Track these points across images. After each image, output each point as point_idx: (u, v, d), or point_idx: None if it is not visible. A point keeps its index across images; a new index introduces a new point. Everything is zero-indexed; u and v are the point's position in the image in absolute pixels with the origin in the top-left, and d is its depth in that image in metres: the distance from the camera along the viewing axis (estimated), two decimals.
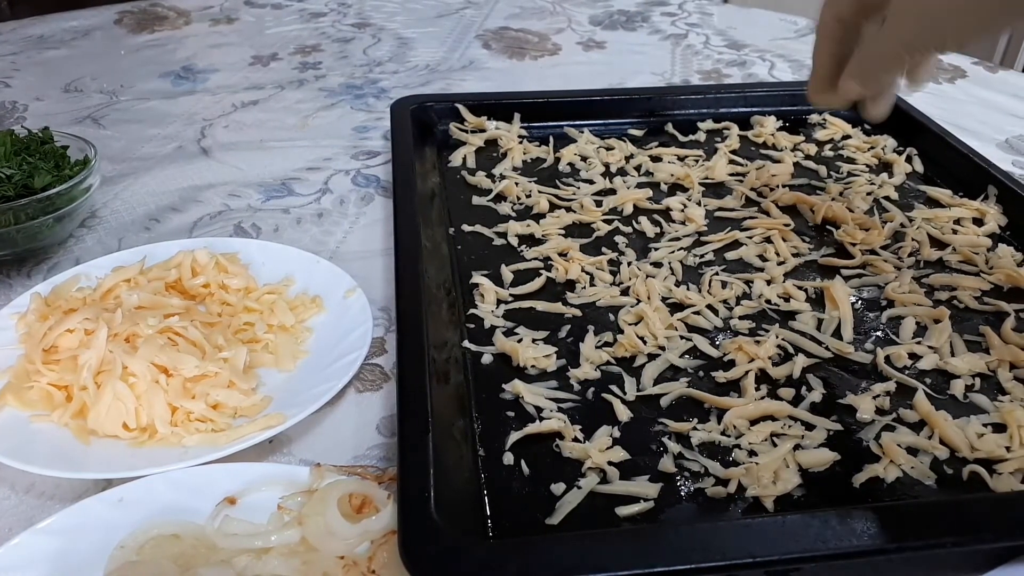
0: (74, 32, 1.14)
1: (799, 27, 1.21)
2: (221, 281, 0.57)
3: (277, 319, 0.55)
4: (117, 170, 0.78)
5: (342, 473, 0.43)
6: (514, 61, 1.09)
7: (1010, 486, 0.45)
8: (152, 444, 0.46)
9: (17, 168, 0.62)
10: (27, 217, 0.60)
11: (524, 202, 0.70)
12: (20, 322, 0.53)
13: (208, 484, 0.42)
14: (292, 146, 0.84)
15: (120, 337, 0.49)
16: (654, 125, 0.84)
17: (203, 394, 0.47)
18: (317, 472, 0.42)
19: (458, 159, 0.77)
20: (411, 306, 0.53)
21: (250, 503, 0.41)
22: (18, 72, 1.00)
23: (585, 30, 1.20)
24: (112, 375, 0.46)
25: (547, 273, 0.61)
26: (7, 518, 0.43)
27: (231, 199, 0.74)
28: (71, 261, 0.64)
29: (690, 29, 1.21)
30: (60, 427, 0.47)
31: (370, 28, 1.19)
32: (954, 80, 1.04)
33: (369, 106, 0.93)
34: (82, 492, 0.45)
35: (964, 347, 0.55)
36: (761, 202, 0.71)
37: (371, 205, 0.74)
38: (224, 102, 0.93)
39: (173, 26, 1.18)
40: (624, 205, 0.70)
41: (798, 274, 0.62)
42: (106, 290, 0.55)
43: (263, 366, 0.52)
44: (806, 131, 0.84)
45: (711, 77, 1.04)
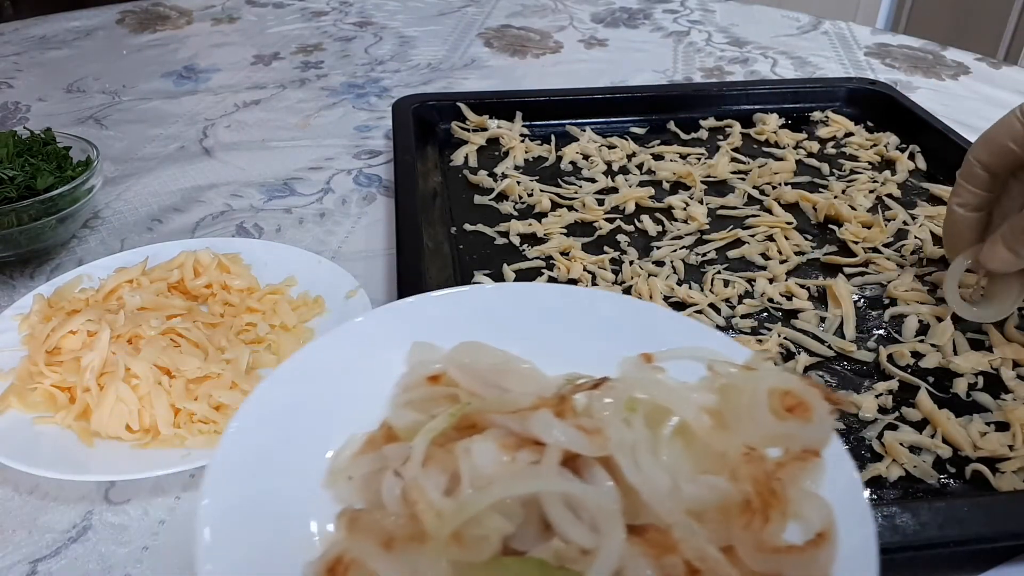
0: (76, 32, 1.14)
1: (801, 24, 1.21)
2: (223, 282, 0.57)
3: (279, 319, 0.55)
4: (119, 170, 0.78)
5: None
6: (516, 59, 1.09)
7: (1013, 485, 0.44)
8: (155, 446, 0.46)
9: (20, 169, 0.62)
10: (30, 218, 0.60)
11: (526, 201, 0.70)
12: (23, 323, 0.53)
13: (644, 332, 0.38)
14: (294, 146, 0.84)
15: (123, 338, 0.49)
16: (656, 123, 0.84)
17: (206, 395, 0.48)
18: (759, 355, 0.36)
19: (460, 158, 0.77)
20: None
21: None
22: (20, 73, 1.01)
23: (587, 28, 1.20)
24: (115, 377, 0.46)
25: (549, 272, 0.61)
26: (10, 519, 0.44)
27: (233, 199, 0.74)
28: (74, 262, 0.64)
29: (692, 26, 1.20)
30: (63, 429, 0.47)
31: (372, 27, 1.19)
32: (957, 76, 1.04)
33: (371, 105, 0.94)
34: (85, 494, 0.45)
35: (967, 345, 0.55)
36: (763, 200, 0.71)
37: (373, 205, 0.74)
38: (226, 102, 0.94)
39: (175, 26, 1.18)
40: (626, 204, 0.70)
41: (800, 272, 0.62)
42: (109, 291, 0.55)
43: (266, 367, 0.52)
44: (808, 129, 0.84)
45: (713, 75, 1.04)
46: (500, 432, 0.31)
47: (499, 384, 0.34)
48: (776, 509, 0.28)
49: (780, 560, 0.27)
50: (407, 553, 0.27)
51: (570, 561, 0.27)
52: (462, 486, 0.29)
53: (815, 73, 1.05)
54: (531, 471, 0.29)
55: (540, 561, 0.27)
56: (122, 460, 0.45)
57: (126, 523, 0.44)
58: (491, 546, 0.28)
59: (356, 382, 0.36)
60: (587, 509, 0.28)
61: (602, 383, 0.32)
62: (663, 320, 0.40)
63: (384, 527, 0.29)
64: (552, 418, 0.30)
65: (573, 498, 0.28)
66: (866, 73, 1.04)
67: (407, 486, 0.29)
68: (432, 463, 0.30)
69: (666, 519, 0.28)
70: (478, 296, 0.41)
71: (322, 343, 0.37)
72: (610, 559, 0.26)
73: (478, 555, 0.27)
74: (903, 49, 1.12)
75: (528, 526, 0.29)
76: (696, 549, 0.27)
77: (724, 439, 0.31)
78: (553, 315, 0.40)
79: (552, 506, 0.28)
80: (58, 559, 0.42)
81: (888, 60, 1.08)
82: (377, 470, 0.32)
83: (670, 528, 0.28)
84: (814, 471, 0.30)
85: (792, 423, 0.31)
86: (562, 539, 0.28)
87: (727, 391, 0.32)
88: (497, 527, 0.28)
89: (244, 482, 0.31)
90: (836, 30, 1.19)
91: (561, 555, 0.27)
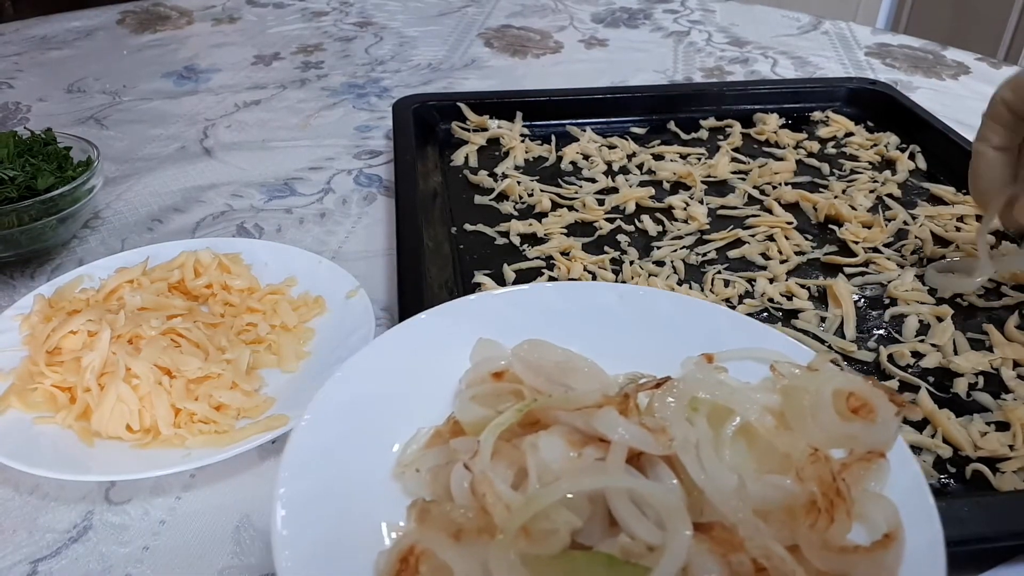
0: (77, 32, 1.14)
1: (801, 24, 1.21)
2: (224, 282, 0.57)
3: (280, 320, 0.55)
4: (120, 171, 0.78)
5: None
6: (516, 59, 1.09)
7: (1013, 485, 0.44)
8: (155, 446, 0.46)
9: (20, 169, 0.62)
10: (30, 218, 0.60)
11: (526, 201, 0.70)
12: (24, 323, 0.53)
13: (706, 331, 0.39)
14: (294, 146, 0.84)
15: (123, 338, 0.49)
16: (656, 123, 0.84)
17: (206, 395, 0.48)
18: (822, 357, 0.36)
19: (460, 158, 0.77)
20: (414, 306, 0.53)
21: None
22: (21, 73, 1.01)
23: (587, 28, 1.20)
24: (115, 377, 0.46)
25: (549, 272, 0.61)
26: (11, 519, 0.44)
27: (234, 199, 0.74)
28: (74, 262, 0.64)
29: (692, 26, 1.20)
30: (64, 429, 0.47)
31: (372, 27, 1.19)
32: (957, 76, 1.04)
33: (371, 105, 0.94)
34: (85, 494, 0.45)
35: (967, 345, 0.55)
36: (763, 200, 0.71)
37: (373, 205, 0.74)
38: (226, 102, 0.94)
39: (175, 26, 1.18)
40: (626, 204, 0.70)
41: (801, 272, 0.62)
42: (109, 291, 0.55)
43: (266, 367, 0.52)
44: (809, 128, 0.84)
45: (713, 75, 1.04)
46: (565, 429, 0.31)
47: (563, 381, 0.35)
48: (841, 509, 0.29)
49: (847, 560, 0.28)
50: (476, 545, 0.28)
51: (636, 557, 0.28)
52: (529, 480, 0.30)
53: (815, 73, 1.04)
54: (598, 467, 0.30)
55: (608, 555, 0.28)
56: (122, 460, 0.45)
57: (126, 523, 0.44)
58: (560, 540, 0.28)
59: (420, 377, 0.37)
60: (653, 506, 0.28)
61: (664, 383, 0.33)
62: (723, 320, 0.41)
63: (453, 519, 0.29)
64: (617, 416, 0.31)
65: (639, 495, 0.29)
66: (866, 73, 1.04)
67: (476, 479, 0.30)
68: (499, 457, 0.31)
69: (731, 518, 0.28)
70: (539, 294, 0.42)
71: (387, 338, 0.38)
72: (678, 555, 0.27)
73: (547, 548, 0.28)
74: (903, 49, 1.12)
75: (594, 522, 0.29)
76: (763, 548, 0.27)
77: (788, 440, 0.32)
78: (612, 314, 0.40)
79: (619, 502, 0.29)
80: (58, 559, 0.42)
81: (888, 60, 1.08)
82: (445, 463, 0.33)
83: (735, 527, 0.28)
84: (879, 472, 0.31)
85: (857, 424, 0.32)
86: (628, 535, 0.28)
87: (790, 392, 0.33)
88: (566, 521, 0.29)
89: (316, 473, 0.32)
90: (836, 30, 1.19)
91: (627, 551, 0.28)
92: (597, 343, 0.38)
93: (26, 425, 0.47)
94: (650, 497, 0.29)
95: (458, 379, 0.37)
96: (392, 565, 0.29)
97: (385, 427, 0.35)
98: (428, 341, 0.38)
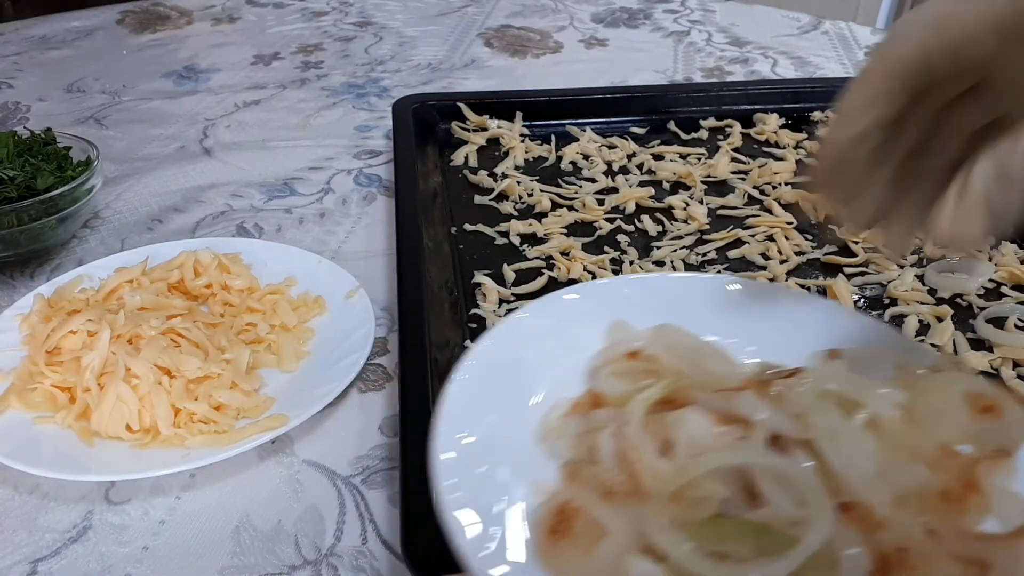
0: (76, 32, 1.14)
1: (802, 24, 1.21)
2: (223, 282, 0.57)
3: (279, 320, 0.55)
4: (120, 170, 0.78)
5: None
6: (516, 59, 1.09)
7: None
8: (155, 445, 0.46)
9: (20, 169, 0.62)
10: (30, 218, 0.60)
11: (526, 201, 0.70)
12: (23, 323, 0.53)
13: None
14: (294, 146, 0.84)
15: (123, 338, 0.49)
16: (656, 123, 0.84)
17: (206, 395, 0.48)
18: (947, 358, 0.39)
19: (460, 158, 0.77)
20: (413, 306, 0.53)
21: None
22: (21, 73, 1.01)
23: (587, 28, 1.20)
24: (115, 377, 0.46)
25: (549, 272, 0.61)
26: (11, 519, 0.44)
27: (233, 199, 0.74)
28: (74, 262, 0.64)
29: (692, 26, 1.20)
30: (64, 429, 0.47)
31: (372, 27, 1.19)
32: None
33: (371, 105, 0.93)
34: (85, 493, 0.45)
35: (967, 345, 0.54)
36: (763, 200, 0.71)
37: (373, 205, 0.74)
38: (226, 102, 0.94)
39: (175, 26, 1.18)
40: (626, 204, 0.70)
41: (801, 272, 0.62)
42: (109, 291, 0.55)
43: (266, 367, 0.52)
44: (809, 128, 0.84)
45: (713, 74, 1.04)
46: (706, 408, 0.33)
47: (699, 365, 0.38)
48: (975, 500, 0.30)
49: (986, 546, 0.29)
50: (626, 506, 0.31)
51: (782, 528, 0.29)
52: (677, 451, 0.32)
53: (815, 73, 1.04)
54: (743, 444, 0.32)
55: (756, 524, 0.29)
56: (122, 460, 0.45)
57: (126, 523, 0.44)
58: (709, 507, 0.30)
59: (554, 349, 0.39)
60: (795, 485, 0.30)
61: (796, 373, 0.35)
62: (845, 318, 0.43)
63: (603, 481, 0.32)
64: (758, 399, 0.33)
65: (783, 473, 0.30)
66: None
67: (627, 446, 0.32)
68: (644, 429, 0.33)
69: (871, 501, 0.30)
70: (667, 283, 0.45)
71: (530, 311, 0.41)
72: (825, 528, 0.28)
73: (696, 514, 0.30)
74: None
75: (736, 496, 0.31)
76: (903, 529, 0.29)
77: (916, 434, 0.33)
78: (737, 306, 0.42)
79: (764, 478, 0.30)
80: (58, 559, 0.42)
81: None
82: (586, 431, 0.35)
83: (874, 509, 0.29)
84: (1007, 469, 0.32)
85: (986, 423, 0.34)
86: (774, 509, 0.30)
87: (918, 390, 0.34)
88: (716, 490, 0.30)
89: (470, 425, 0.34)
90: (836, 30, 1.19)
91: (772, 523, 0.29)
92: (723, 333, 0.40)
93: (26, 425, 0.47)
94: (794, 476, 0.30)
95: (586, 355, 0.39)
96: (548, 518, 0.31)
97: (525, 390, 0.38)
98: (563, 317, 0.41)
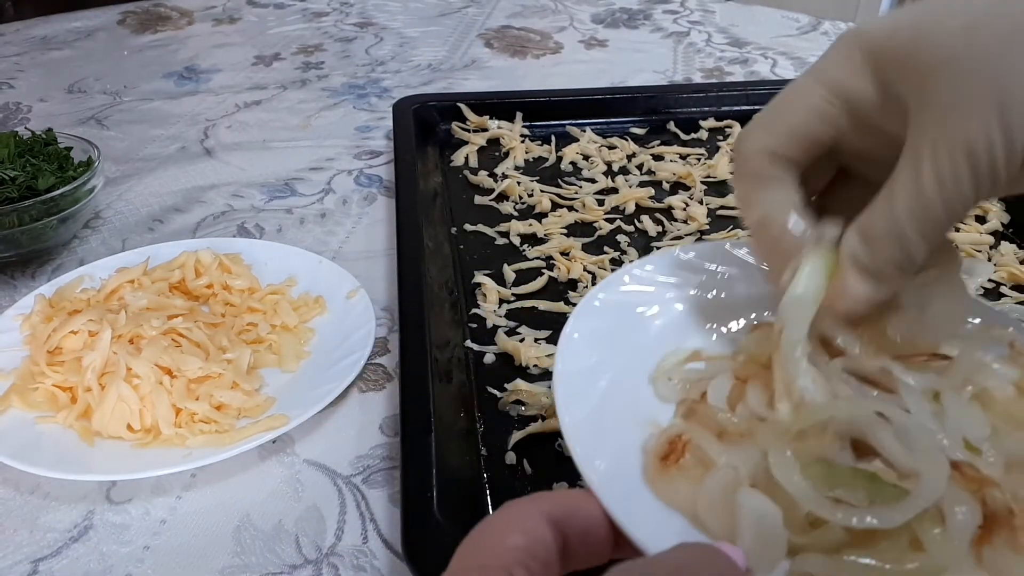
0: (77, 33, 1.14)
1: (801, 24, 1.21)
2: (224, 282, 0.57)
3: (280, 320, 0.55)
4: (121, 171, 0.78)
5: None
6: (516, 60, 1.09)
7: None
8: (156, 445, 0.46)
9: (21, 170, 0.62)
10: (31, 218, 0.60)
11: (526, 201, 0.71)
12: (25, 323, 0.53)
13: None
14: (295, 146, 0.84)
15: (124, 338, 0.49)
16: (656, 123, 0.84)
17: (207, 395, 0.48)
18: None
19: (460, 158, 0.77)
20: (414, 306, 0.53)
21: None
22: (22, 73, 1.01)
23: (587, 28, 1.20)
24: (116, 376, 0.47)
25: (549, 272, 0.61)
26: (12, 519, 0.44)
27: (234, 199, 0.74)
28: (75, 262, 0.64)
29: (692, 27, 1.21)
30: (65, 428, 0.47)
31: (372, 27, 1.19)
32: None
33: (371, 106, 0.94)
34: (86, 493, 0.45)
35: None
36: None
37: (374, 205, 0.74)
38: (227, 102, 0.94)
39: (176, 26, 1.18)
40: (626, 204, 0.70)
41: None
42: (110, 291, 0.55)
43: (266, 367, 0.53)
44: None
45: (713, 75, 1.04)
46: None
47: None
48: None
49: None
50: (738, 446, 0.32)
51: (895, 479, 0.29)
52: (794, 400, 0.32)
53: None
54: (864, 397, 0.33)
55: (870, 473, 0.30)
56: (123, 460, 0.45)
57: (127, 523, 0.44)
58: (827, 452, 0.31)
59: (670, 303, 0.41)
60: (913, 438, 0.30)
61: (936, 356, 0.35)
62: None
63: (719, 420, 0.33)
64: (892, 362, 0.34)
65: (901, 425, 0.31)
66: None
67: (742, 391, 0.34)
68: (756, 380, 0.35)
69: (983, 462, 0.30)
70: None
71: (650, 261, 0.43)
72: (938, 481, 0.28)
73: (811, 457, 0.30)
74: None
75: (846, 449, 0.31)
76: (1013, 491, 0.29)
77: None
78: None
79: (880, 430, 0.30)
80: (59, 559, 0.42)
81: None
82: (699, 379, 0.37)
83: (985, 470, 0.30)
84: None
85: None
86: (886, 462, 0.30)
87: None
88: (832, 438, 0.31)
89: (588, 358, 0.36)
90: (836, 31, 1.19)
91: (884, 474, 0.30)
92: None
93: (27, 425, 0.47)
94: (913, 429, 0.30)
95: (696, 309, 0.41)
96: (662, 447, 0.32)
97: (641, 338, 0.39)
98: (674, 273, 0.42)
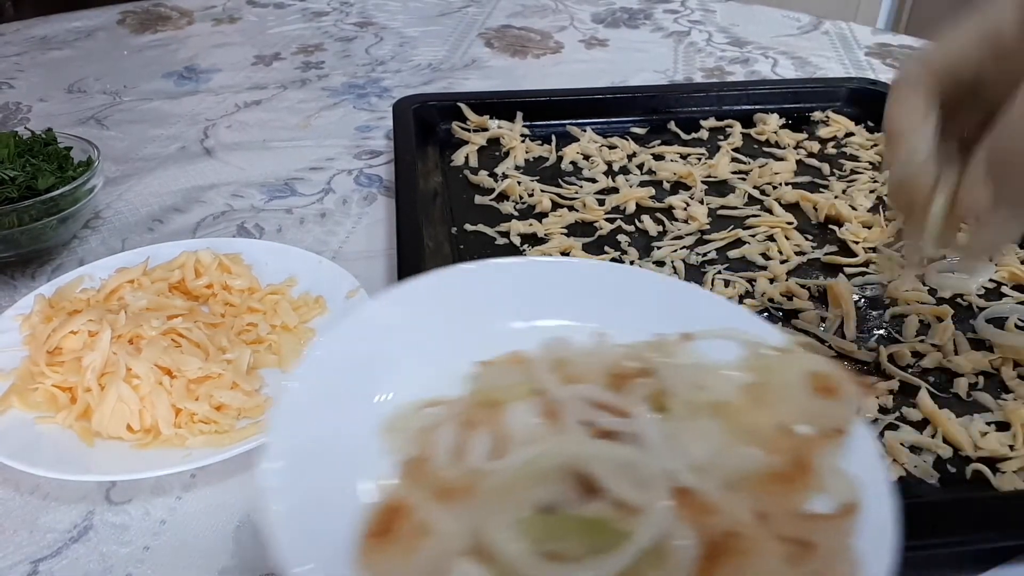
0: (77, 33, 1.14)
1: (802, 24, 1.21)
2: (224, 282, 0.57)
3: (280, 320, 0.55)
4: (120, 171, 0.78)
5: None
6: (516, 59, 1.09)
7: (1014, 485, 0.44)
8: (156, 445, 0.46)
9: (21, 170, 0.62)
10: (31, 218, 0.60)
11: (526, 201, 0.70)
12: (24, 324, 0.53)
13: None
14: (295, 146, 0.84)
15: (124, 339, 0.49)
16: (656, 123, 0.84)
17: (207, 395, 0.48)
18: (795, 339, 0.38)
19: (460, 158, 0.77)
20: None
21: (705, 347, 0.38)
22: (22, 73, 1.01)
23: (587, 28, 1.20)
24: (116, 377, 0.47)
25: None
26: (12, 519, 0.44)
27: (234, 199, 0.74)
28: (75, 262, 0.64)
29: (693, 26, 1.20)
30: (64, 429, 0.47)
31: (372, 27, 1.19)
32: None
33: (371, 105, 0.94)
34: (86, 494, 0.45)
35: (967, 345, 0.54)
36: (764, 200, 0.71)
37: (374, 205, 0.74)
38: (227, 102, 0.94)
39: (176, 26, 1.18)
40: (627, 204, 0.70)
41: (801, 272, 0.62)
42: (110, 291, 0.55)
43: (266, 367, 0.52)
44: (809, 128, 0.84)
45: (714, 75, 1.04)
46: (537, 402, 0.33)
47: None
48: (806, 480, 0.30)
49: (810, 526, 0.29)
50: (462, 505, 0.29)
51: (614, 522, 0.29)
52: (510, 447, 0.31)
53: (816, 73, 1.04)
54: (570, 434, 0.31)
55: (588, 519, 0.29)
56: (123, 460, 0.45)
57: (127, 523, 0.44)
58: (543, 501, 0.29)
59: (395, 345, 0.38)
60: (634, 467, 0.30)
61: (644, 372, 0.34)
62: (702, 300, 0.42)
63: (441, 479, 0.31)
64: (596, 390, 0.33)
65: (627, 461, 0.30)
66: (867, 73, 1.04)
67: (463, 442, 0.32)
68: (480, 424, 0.33)
69: (703, 487, 0.30)
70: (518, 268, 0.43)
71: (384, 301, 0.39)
72: (656, 520, 0.28)
73: (528, 511, 0.29)
74: (904, 49, 1.12)
75: (573, 490, 0.30)
76: (734, 513, 0.29)
77: (757, 415, 0.33)
78: (591, 290, 0.41)
79: (602, 467, 0.30)
80: (59, 559, 0.42)
81: (889, 60, 1.08)
82: (429, 426, 0.34)
83: (705, 494, 0.29)
84: (841, 449, 0.33)
85: (824, 403, 0.34)
86: (609, 502, 0.29)
87: (764, 371, 0.35)
88: (549, 483, 0.30)
89: (304, 428, 0.33)
90: (836, 30, 1.19)
91: (604, 519, 0.29)
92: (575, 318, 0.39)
93: (27, 425, 0.47)
94: (633, 458, 0.30)
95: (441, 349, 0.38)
96: (374, 519, 0.30)
97: (367, 390, 0.36)
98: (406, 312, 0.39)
